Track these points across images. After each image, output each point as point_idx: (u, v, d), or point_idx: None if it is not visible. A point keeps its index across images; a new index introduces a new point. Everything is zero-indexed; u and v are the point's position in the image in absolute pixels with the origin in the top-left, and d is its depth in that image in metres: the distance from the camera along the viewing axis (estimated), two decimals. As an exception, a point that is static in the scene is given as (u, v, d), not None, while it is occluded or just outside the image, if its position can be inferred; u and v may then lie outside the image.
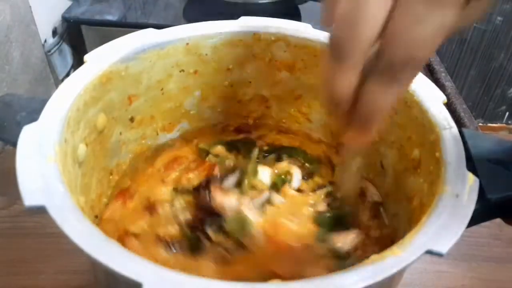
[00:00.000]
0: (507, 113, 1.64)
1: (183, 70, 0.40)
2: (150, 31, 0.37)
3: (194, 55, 0.39)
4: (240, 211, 0.35)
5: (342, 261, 0.34)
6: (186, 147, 0.43)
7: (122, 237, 0.34)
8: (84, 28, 0.89)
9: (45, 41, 0.83)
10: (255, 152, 0.41)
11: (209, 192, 0.36)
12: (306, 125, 0.45)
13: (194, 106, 0.43)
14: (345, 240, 0.35)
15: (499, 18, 1.40)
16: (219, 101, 0.43)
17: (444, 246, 0.24)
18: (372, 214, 0.39)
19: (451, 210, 0.26)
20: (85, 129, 0.32)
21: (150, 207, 0.37)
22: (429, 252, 0.24)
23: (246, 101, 0.44)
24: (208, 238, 0.34)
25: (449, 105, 0.33)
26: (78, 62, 0.96)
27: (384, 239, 0.37)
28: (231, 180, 0.38)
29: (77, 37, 0.92)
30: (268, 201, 0.37)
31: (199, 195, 0.37)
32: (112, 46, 0.35)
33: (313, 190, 0.40)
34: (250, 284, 0.23)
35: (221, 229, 0.35)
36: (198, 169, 0.40)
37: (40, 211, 0.23)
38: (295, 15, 0.95)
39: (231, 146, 0.43)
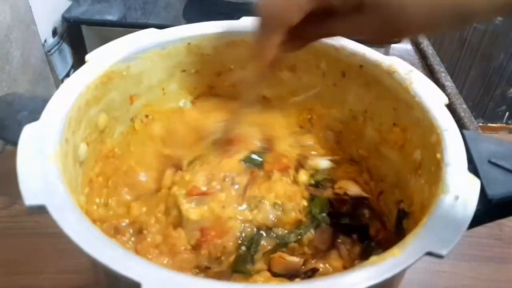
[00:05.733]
0: (507, 113, 1.64)
1: (184, 70, 0.40)
2: (152, 31, 0.37)
3: (196, 55, 0.39)
4: None
5: None
6: None
7: None
8: (84, 28, 0.89)
9: (45, 41, 0.83)
10: None
11: None
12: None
13: (195, 106, 0.43)
14: None
15: (499, 18, 1.40)
16: (220, 102, 0.43)
17: (444, 248, 0.24)
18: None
19: (452, 211, 0.26)
20: (86, 128, 0.32)
21: None
22: (429, 254, 0.24)
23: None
24: None
25: (449, 105, 0.33)
26: (78, 62, 0.96)
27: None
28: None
29: (77, 37, 0.92)
30: None
31: None
32: (114, 46, 0.35)
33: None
34: (250, 284, 0.23)
35: None
36: None
37: (41, 210, 0.23)
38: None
39: None
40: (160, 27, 0.38)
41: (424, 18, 0.27)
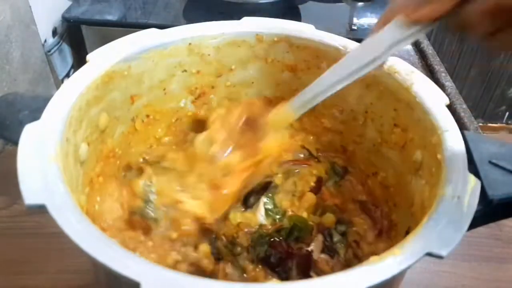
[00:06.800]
0: (507, 113, 1.64)
1: (185, 70, 0.40)
2: (153, 31, 0.37)
3: (197, 55, 0.39)
4: None
5: None
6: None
7: None
8: (84, 28, 0.89)
9: (45, 41, 0.83)
10: None
11: None
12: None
13: (195, 106, 0.43)
14: None
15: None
16: (221, 102, 0.43)
17: (444, 248, 0.24)
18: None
19: (452, 212, 0.26)
20: (87, 128, 0.32)
21: None
22: (429, 255, 0.24)
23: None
24: None
25: (449, 105, 0.33)
26: (78, 62, 0.96)
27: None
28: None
29: (77, 37, 0.92)
30: None
31: None
32: (115, 46, 0.35)
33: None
34: (250, 284, 0.23)
35: None
36: None
37: (41, 210, 0.23)
38: (295, 15, 0.95)
39: None
40: (160, 27, 0.38)
41: None
